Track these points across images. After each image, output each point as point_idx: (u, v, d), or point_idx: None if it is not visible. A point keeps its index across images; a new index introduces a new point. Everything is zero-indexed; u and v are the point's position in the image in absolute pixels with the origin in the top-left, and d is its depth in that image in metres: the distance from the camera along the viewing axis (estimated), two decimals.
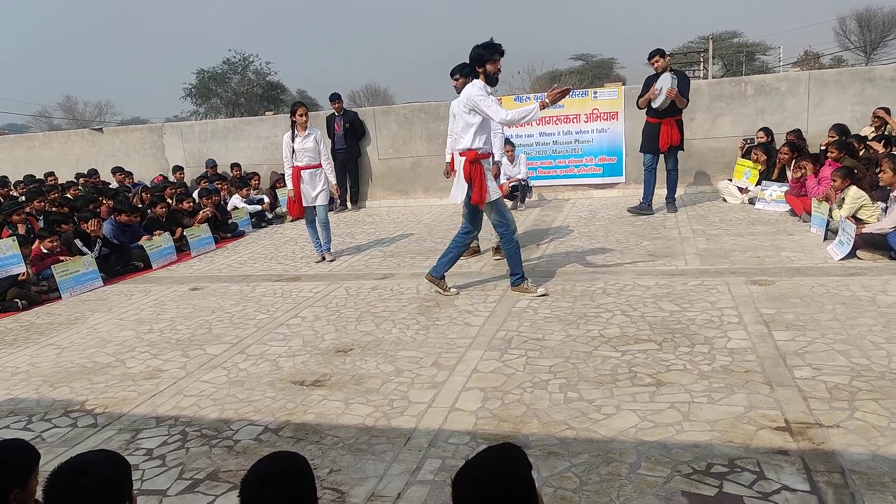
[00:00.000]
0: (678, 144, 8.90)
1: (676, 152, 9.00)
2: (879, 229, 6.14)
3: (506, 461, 1.78)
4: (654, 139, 8.88)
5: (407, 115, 11.99)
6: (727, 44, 50.09)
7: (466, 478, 1.74)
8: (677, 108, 8.70)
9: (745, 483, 2.85)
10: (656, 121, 8.84)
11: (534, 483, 1.78)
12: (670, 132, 8.77)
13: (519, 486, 1.73)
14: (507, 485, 1.71)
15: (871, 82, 10.09)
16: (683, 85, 8.69)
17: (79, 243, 7.97)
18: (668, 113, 8.71)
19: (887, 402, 3.45)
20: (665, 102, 8.59)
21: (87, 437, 3.82)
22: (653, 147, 8.97)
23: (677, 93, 8.51)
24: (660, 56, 8.75)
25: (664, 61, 8.74)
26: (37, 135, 16.90)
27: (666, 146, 8.84)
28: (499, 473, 1.73)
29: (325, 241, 7.98)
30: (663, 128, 8.78)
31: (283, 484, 1.82)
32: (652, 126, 8.94)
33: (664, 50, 8.87)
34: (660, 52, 8.80)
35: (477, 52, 5.61)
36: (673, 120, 8.78)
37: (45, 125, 53.89)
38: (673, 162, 9.05)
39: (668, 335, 4.63)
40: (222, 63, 45.43)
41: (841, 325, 4.57)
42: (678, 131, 8.84)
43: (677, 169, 9.18)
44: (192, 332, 5.65)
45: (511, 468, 1.76)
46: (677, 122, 8.84)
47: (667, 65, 8.74)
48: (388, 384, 4.21)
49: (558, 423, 3.50)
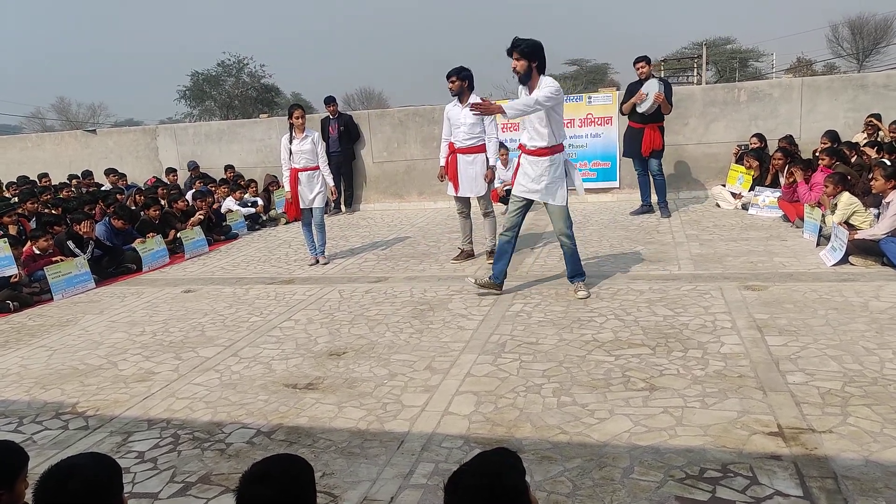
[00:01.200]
0: (660, 149, 9.05)
1: (659, 157, 9.14)
2: (872, 235, 6.16)
3: (499, 467, 1.77)
4: (637, 144, 9.07)
5: (401, 119, 11.98)
6: (720, 50, 50.33)
7: (459, 484, 1.72)
8: (661, 114, 8.89)
9: (738, 488, 2.85)
10: (639, 126, 9.03)
11: (528, 488, 1.77)
12: (652, 137, 8.94)
13: (512, 492, 1.72)
14: (500, 491, 1.69)
15: (864, 89, 10.15)
16: (667, 92, 8.86)
17: (71, 245, 7.92)
18: (652, 119, 8.89)
19: (880, 407, 3.46)
20: (652, 107, 8.75)
21: (78, 440, 3.79)
22: (635, 151, 9.16)
23: (664, 98, 8.65)
24: (645, 63, 9.00)
25: (649, 68, 9.02)
26: (30, 136, 16.86)
27: (648, 151, 9.00)
28: (491, 479, 1.71)
29: (319, 244, 7.97)
30: (646, 133, 8.95)
31: (278, 485, 1.81)
32: (635, 131, 9.13)
33: (650, 57, 9.12)
34: (645, 59, 9.03)
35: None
36: (656, 126, 8.95)
37: (39, 126, 53.68)
38: (657, 166, 9.17)
39: (661, 340, 4.63)
40: (217, 65, 45.41)
41: (834, 330, 4.59)
42: (660, 136, 9.01)
43: (663, 173, 9.30)
44: (184, 334, 5.62)
45: (504, 474, 1.74)
46: (660, 127, 9.01)
47: (650, 72, 8.98)
48: (381, 388, 4.19)
49: (552, 428, 3.50)
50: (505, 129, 11.02)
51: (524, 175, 5.73)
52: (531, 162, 5.66)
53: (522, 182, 5.74)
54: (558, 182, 5.66)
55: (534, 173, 5.64)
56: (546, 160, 5.59)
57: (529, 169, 5.68)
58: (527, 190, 5.73)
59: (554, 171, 5.62)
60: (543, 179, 5.61)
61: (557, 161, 5.63)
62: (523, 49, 5.36)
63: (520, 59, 5.37)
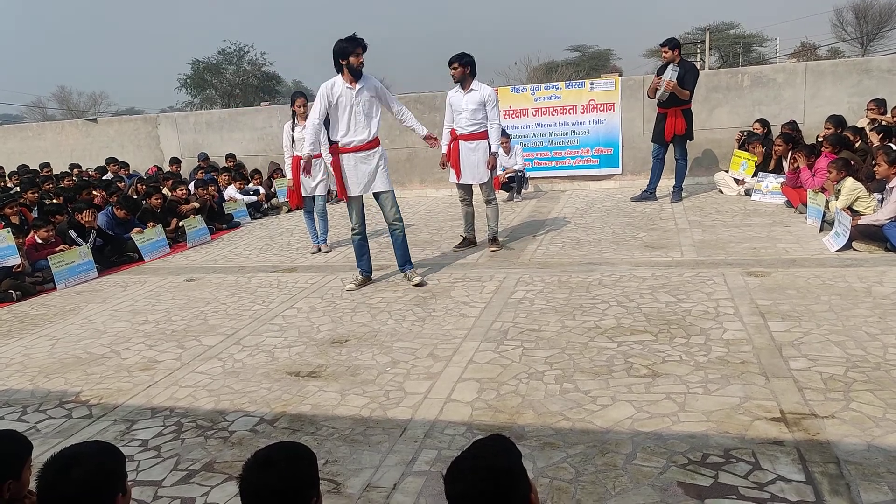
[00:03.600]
0: (683, 134, 8.94)
1: (684, 142, 9.06)
2: (875, 221, 6.14)
3: (497, 450, 1.78)
4: (661, 128, 9.04)
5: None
6: (724, 35, 50.02)
7: (456, 471, 1.73)
8: (680, 99, 8.77)
9: (741, 473, 2.86)
10: (663, 111, 9.00)
11: (525, 473, 1.77)
12: (675, 122, 8.87)
13: (513, 474, 1.73)
14: (502, 473, 1.71)
15: (868, 73, 10.08)
16: (690, 76, 8.74)
17: (73, 234, 7.93)
18: (673, 103, 8.81)
19: (882, 392, 3.46)
20: (664, 95, 8.72)
21: (81, 429, 3.80)
22: (659, 137, 9.12)
23: (675, 84, 8.58)
24: (669, 47, 8.79)
25: (672, 53, 8.75)
26: (31, 125, 16.83)
27: (670, 136, 8.96)
28: (491, 461, 1.72)
29: (321, 232, 7.97)
30: (668, 118, 8.91)
31: (281, 472, 1.81)
32: (659, 116, 9.12)
33: (676, 41, 8.89)
34: (669, 43, 8.82)
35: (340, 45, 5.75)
36: (679, 110, 8.85)
37: (40, 116, 53.62)
38: (681, 152, 9.13)
39: (664, 326, 4.63)
40: (217, 53, 45.30)
41: (836, 316, 4.58)
42: (684, 121, 8.88)
43: (686, 159, 9.24)
44: (187, 323, 5.63)
45: (503, 456, 1.76)
46: (683, 112, 8.88)
47: (674, 56, 8.74)
48: (383, 375, 4.20)
49: (554, 414, 3.50)
50: (507, 116, 10.98)
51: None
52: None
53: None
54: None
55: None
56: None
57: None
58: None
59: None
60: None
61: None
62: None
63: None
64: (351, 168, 6.00)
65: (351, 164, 5.99)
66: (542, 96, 11.20)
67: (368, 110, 5.92)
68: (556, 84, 11.77)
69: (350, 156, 5.98)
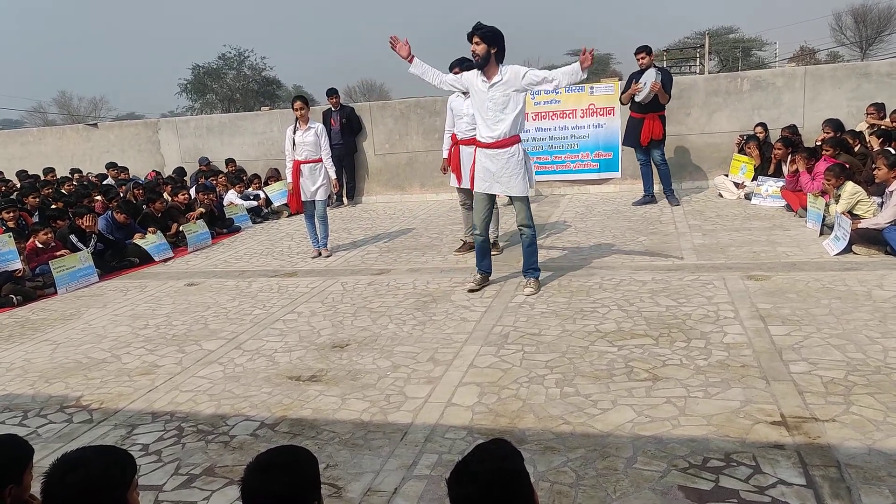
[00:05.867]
0: (660, 138, 9.08)
1: (660, 146, 9.18)
2: (875, 224, 6.15)
3: (500, 453, 1.79)
4: (637, 133, 9.12)
5: (403, 111, 11.96)
6: (723, 39, 50.14)
7: (464, 473, 1.74)
8: (660, 104, 8.91)
9: (742, 477, 2.86)
10: (639, 115, 9.08)
11: (527, 477, 1.78)
12: (652, 126, 8.98)
13: (518, 476, 1.74)
14: (507, 475, 1.72)
15: (867, 77, 10.09)
16: (667, 80, 8.89)
17: (74, 239, 7.94)
18: (651, 108, 8.92)
19: (883, 396, 3.46)
20: (648, 96, 8.81)
21: (82, 433, 3.80)
22: (635, 141, 9.20)
23: (660, 87, 8.69)
24: (646, 53, 9.03)
25: (650, 58, 9.04)
26: (31, 130, 16.84)
27: (647, 140, 9.05)
28: (496, 464, 1.74)
29: (322, 237, 7.97)
30: (646, 122, 9.01)
31: (282, 476, 1.82)
32: (635, 120, 9.18)
33: (650, 47, 9.15)
34: (646, 49, 9.07)
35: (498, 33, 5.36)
36: (656, 115, 8.98)
37: (40, 121, 53.72)
38: (659, 156, 9.24)
39: (664, 330, 4.63)
40: (218, 58, 45.41)
41: (837, 319, 4.58)
42: (661, 126, 9.04)
43: (666, 162, 9.36)
44: (187, 327, 5.63)
45: (508, 459, 1.77)
46: (660, 117, 9.03)
47: (651, 62, 9.00)
48: (384, 379, 4.20)
49: (555, 418, 3.50)
50: None
51: (485, 170, 5.66)
52: (490, 155, 5.58)
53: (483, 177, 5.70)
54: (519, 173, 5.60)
55: (495, 167, 5.59)
56: (507, 151, 5.55)
57: (490, 163, 5.61)
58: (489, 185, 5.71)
59: (516, 162, 5.57)
60: (505, 173, 5.57)
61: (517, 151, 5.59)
62: (485, 33, 5.29)
63: (480, 42, 5.28)
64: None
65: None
66: (541, 100, 11.20)
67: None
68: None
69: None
